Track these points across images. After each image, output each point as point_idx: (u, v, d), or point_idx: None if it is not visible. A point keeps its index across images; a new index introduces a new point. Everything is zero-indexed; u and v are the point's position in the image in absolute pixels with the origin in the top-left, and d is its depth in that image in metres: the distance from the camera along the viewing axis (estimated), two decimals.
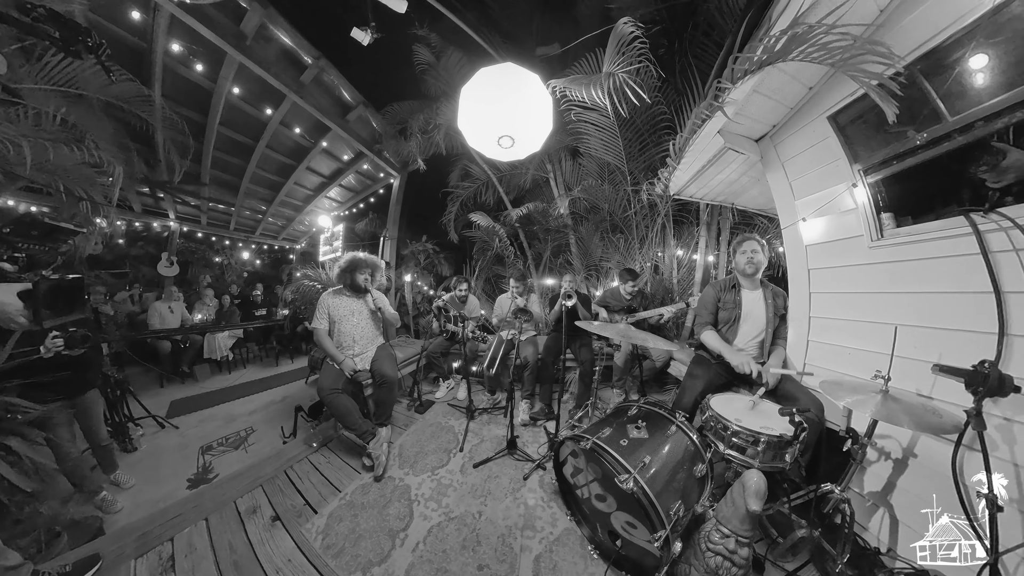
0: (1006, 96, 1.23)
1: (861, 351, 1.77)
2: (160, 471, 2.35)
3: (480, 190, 4.92)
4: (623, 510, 1.44)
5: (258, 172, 6.58)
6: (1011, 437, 1.19)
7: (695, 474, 1.51)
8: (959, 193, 1.47)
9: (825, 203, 1.98)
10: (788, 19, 1.53)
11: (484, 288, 5.47)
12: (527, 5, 3.98)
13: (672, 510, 1.31)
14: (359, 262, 2.51)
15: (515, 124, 1.37)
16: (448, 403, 3.26)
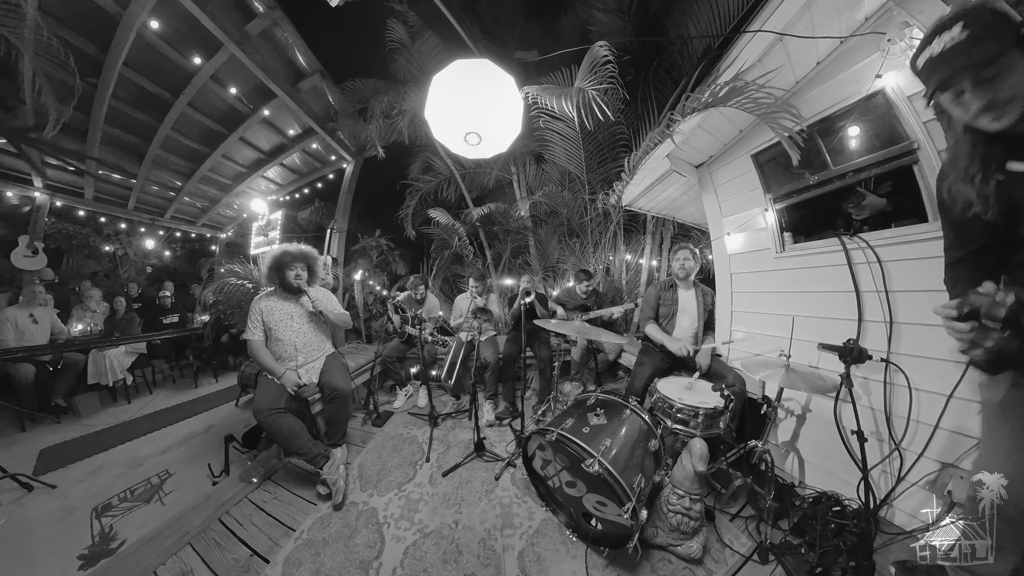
0: (867, 157, 1.75)
1: (770, 336, 2.27)
2: (33, 553, 1.67)
3: (442, 185, 4.80)
4: (593, 492, 1.53)
5: (174, 136, 5.17)
6: (868, 390, 1.70)
7: (650, 449, 1.67)
8: (835, 221, 2.01)
9: (745, 222, 2.50)
10: (732, 73, 1.93)
11: (442, 288, 5.33)
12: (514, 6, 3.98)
13: (635, 484, 1.44)
14: (288, 257, 2.18)
15: (484, 122, 1.33)
16: (408, 412, 3.05)
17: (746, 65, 1.89)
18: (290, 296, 2.24)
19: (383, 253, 5.74)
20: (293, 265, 2.19)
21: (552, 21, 3.86)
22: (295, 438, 1.95)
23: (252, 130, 5.43)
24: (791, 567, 1.40)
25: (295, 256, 2.21)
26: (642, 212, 3.37)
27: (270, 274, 2.19)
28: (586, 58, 2.51)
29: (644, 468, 1.55)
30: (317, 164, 6.50)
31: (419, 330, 2.80)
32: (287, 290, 2.22)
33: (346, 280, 5.34)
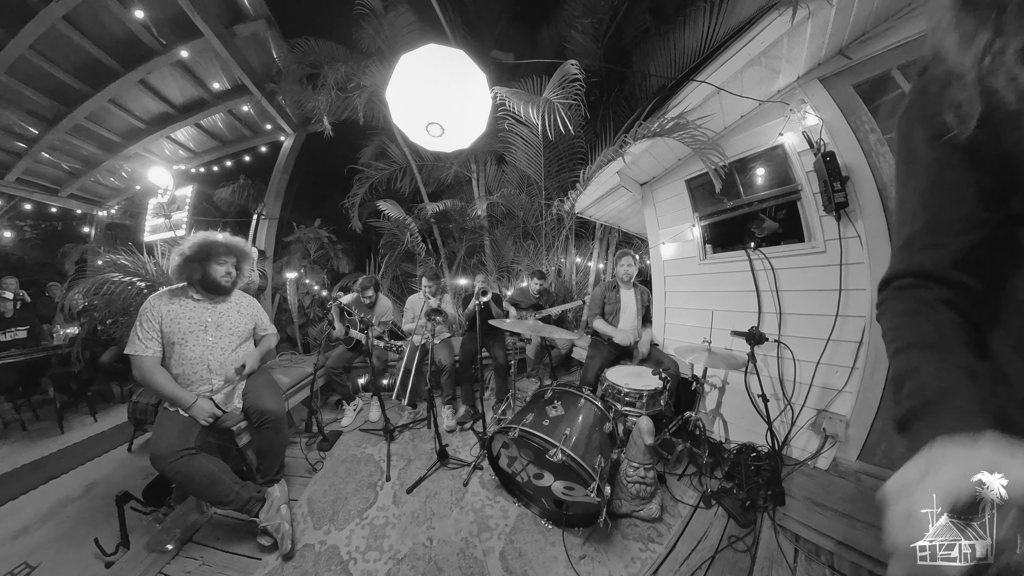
0: (767, 192, 2.32)
1: (695, 327, 2.77)
2: None
3: (396, 175, 4.48)
4: (560, 479, 1.62)
5: (34, 60, 3.51)
6: (767, 364, 2.24)
7: (605, 431, 1.81)
8: (743, 237, 2.60)
9: (676, 234, 3.01)
10: (677, 112, 2.34)
11: (391, 288, 4.94)
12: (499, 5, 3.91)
13: (596, 465, 1.54)
14: (216, 247, 1.73)
15: (449, 114, 1.26)
16: (360, 429, 2.74)
17: (689, 107, 2.32)
18: (209, 297, 1.76)
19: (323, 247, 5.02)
20: (223, 258, 1.73)
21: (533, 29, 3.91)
22: (215, 484, 1.51)
23: (160, 73, 3.99)
24: (728, 506, 1.75)
25: (226, 248, 1.75)
26: (592, 220, 3.75)
27: (186, 266, 1.69)
28: (558, 72, 2.62)
29: (602, 449, 1.70)
30: (247, 132, 5.08)
31: (367, 335, 2.51)
32: (209, 290, 1.74)
33: (276, 278, 4.51)
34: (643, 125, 2.48)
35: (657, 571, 1.47)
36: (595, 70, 3.03)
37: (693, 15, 2.29)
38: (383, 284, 4.73)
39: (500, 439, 1.77)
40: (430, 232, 4.68)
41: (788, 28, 1.67)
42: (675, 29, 2.52)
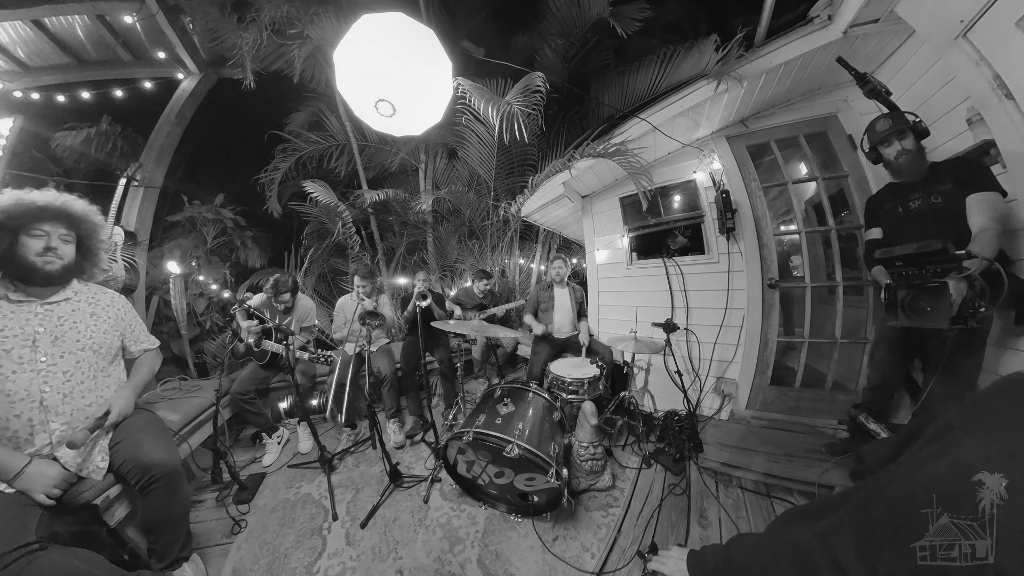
0: (680, 214, 2.99)
1: (624, 320, 3.29)
2: None
3: (331, 153, 3.85)
4: (520, 472, 1.66)
5: None
6: (680, 347, 2.84)
7: (555, 420, 1.93)
8: (661, 248, 3.27)
9: (609, 242, 3.55)
10: (620, 139, 2.81)
11: (316, 288, 4.17)
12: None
13: (551, 452, 1.64)
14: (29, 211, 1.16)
15: (404, 95, 1.13)
16: (289, 465, 2.31)
17: (630, 138, 2.80)
18: (32, 298, 1.19)
19: (226, 232, 3.88)
20: (41, 228, 1.18)
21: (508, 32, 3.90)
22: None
23: None
24: (663, 462, 2.15)
25: (49, 211, 1.19)
26: (537, 224, 4.03)
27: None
28: (524, 80, 2.70)
29: (554, 436, 1.81)
30: (124, 55, 3.49)
31: (287, 346, 2.03)
32: (27, 280, 1.19)
33: (155, 273, 3.28)
34: (591, 145, 2.87)
35: (620, 529, 1.69)
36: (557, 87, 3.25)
37: (647, 64, 2.81)
38: (307, 283, 3.98)
39: (455, 445, 1.75)
40: (366, 224, 4.19)
41: (711, 95, 2.25)
42: (630, 71, 3.00)
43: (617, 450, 2.34)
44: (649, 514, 1.76)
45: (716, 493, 1.89)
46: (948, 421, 0.54)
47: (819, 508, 0.70)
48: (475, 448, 1.67)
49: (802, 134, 2.30)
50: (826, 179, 2.32)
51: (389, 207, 4.21)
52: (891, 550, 0.48)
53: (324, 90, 3.69)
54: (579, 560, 1.55)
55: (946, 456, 0.48)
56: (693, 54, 2.30)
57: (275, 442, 2.47)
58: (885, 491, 0.55)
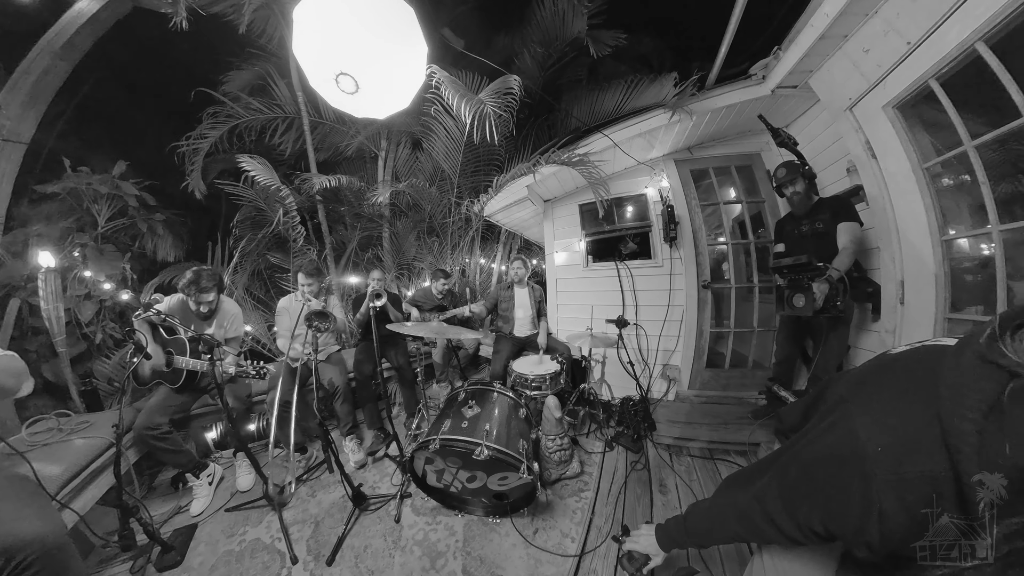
0: (631, 223, 3.39)
1: (581, 318, 3.57)
2: None
3: (276, 126, 3.25)
4: (493, 473, 1.65)
5: None
6: (631, 340, 3.22)
7: (520, 417, 1.93)
8: (614, 252, 3.64)
9: (568, 245, 3.82)
10: (584, 150, 3.06)
11: (250, 287, 3.47)
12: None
13: (520, 448, 1.65)
14: None
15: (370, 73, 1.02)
16: (227, 509, 1.94)
17: (592, 151, 3.06)
18: None
19: (128, 213, 2.96)
20: None
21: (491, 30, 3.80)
22: None
23: None
24: (623, 443, 2.41)
25: None
26: (499, 224, 4.08)
27: None
28: (499, 80, 2.69)
29: (522, 433, 1.82)
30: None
31: (211, 361, 1.67)
32: None
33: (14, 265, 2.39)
34: (556, 152, 3.06)
35: (594, 510, 1.85)
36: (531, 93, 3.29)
37: (615, 86, 3.08)
38: (236, 282, 3.30)
39: (422, 456, 1.70)
40: (313, 213, 3.70)
41: (666, 123, 2.61)
42: (600, 90, 3.24)
43: (582, 438, 2.54)
44: (617, 491, 1.98)
45: (671, 463, 2.22)
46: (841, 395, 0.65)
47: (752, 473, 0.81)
48: (444, 455, 1.63)
49: (733, 165, 2.83)
50: (748, 202, 2.90)
51: (341, 196, 3.81)
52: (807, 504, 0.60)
53: (276, 50, 3.14)
54: (561, 546, 1.64)
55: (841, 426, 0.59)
56: (655, 85, 2.64)
57: (205, 483, 2.01)
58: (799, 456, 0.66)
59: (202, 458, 2.12)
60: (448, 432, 1.61)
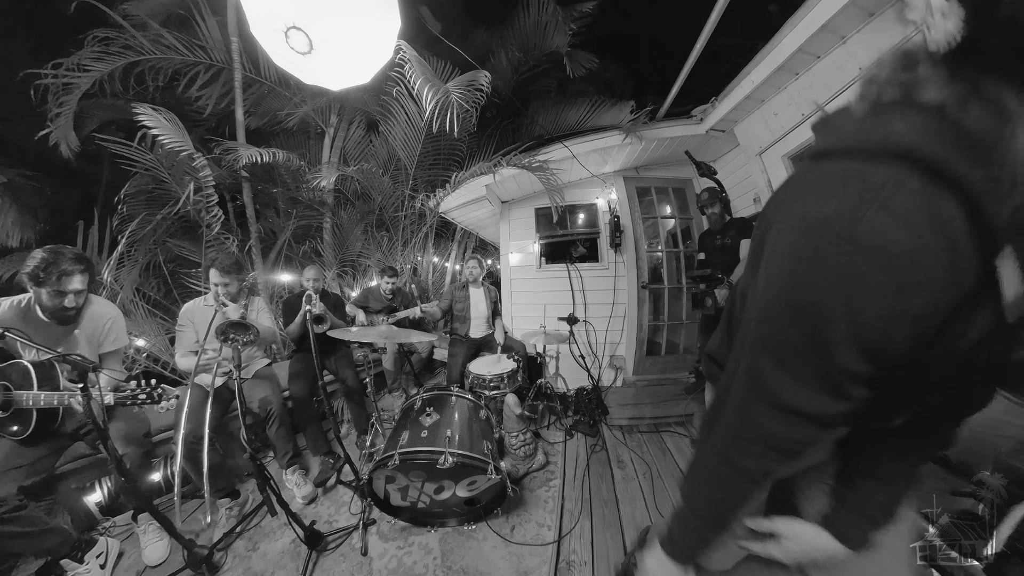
0: (582, 230, 3.75)
1: (534, 316, 3.77)
2: None
3: (195, 73, 2.51)
4: (461, 480, 1.60)
5: None
6: (581, 335, 3.52)
7: (482, 418, 1.91)
8: (565, 255, 3.95)
9: (523, 247, 4.00)
10: (544, 157, 3.31)
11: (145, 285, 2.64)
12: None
13: (485, 450, 1.62)
14: None
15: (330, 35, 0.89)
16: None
17: (552, 159, 3.31)
18: None
19: None
20: None
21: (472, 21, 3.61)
22: None
23: None
24: (581, 430, 2.63)
25: None
26: (454, 222, 4.00)
27: None
28: (470, 73, 2.63)
29: (485, 434, 1.79)
30: None
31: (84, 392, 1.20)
32: None
33: None
34: (518, 156, 3.25)
35: (563, 495, 1.99)
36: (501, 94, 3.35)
37: (580, 103, 3.32)
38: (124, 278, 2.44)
39: (381, 475, 1.57)
40: (237, 193, 3.04)
41: (619, 143, 3.00)
42: (567, 104, 3.45)
43: (543, 430, 2.68)
44: (582, 474, 2.16)
45: (624, 441, 2.53)
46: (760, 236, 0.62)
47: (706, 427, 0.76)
48: (406, 471, 1.54)
49: (671, 186, 3.39)
50: (680, 218, 3.48)
51: (275, 175, 3.21)
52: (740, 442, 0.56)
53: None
54: (539, 536, 1.70)
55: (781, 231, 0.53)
56: (614, 109, 3.00)
57: (95, 566, 1.51)
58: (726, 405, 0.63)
59: (83, 534, 1.58)
60: (407, 445, 1.53)
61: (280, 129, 3.50)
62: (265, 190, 3.38)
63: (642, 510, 1.89)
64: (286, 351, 2.56)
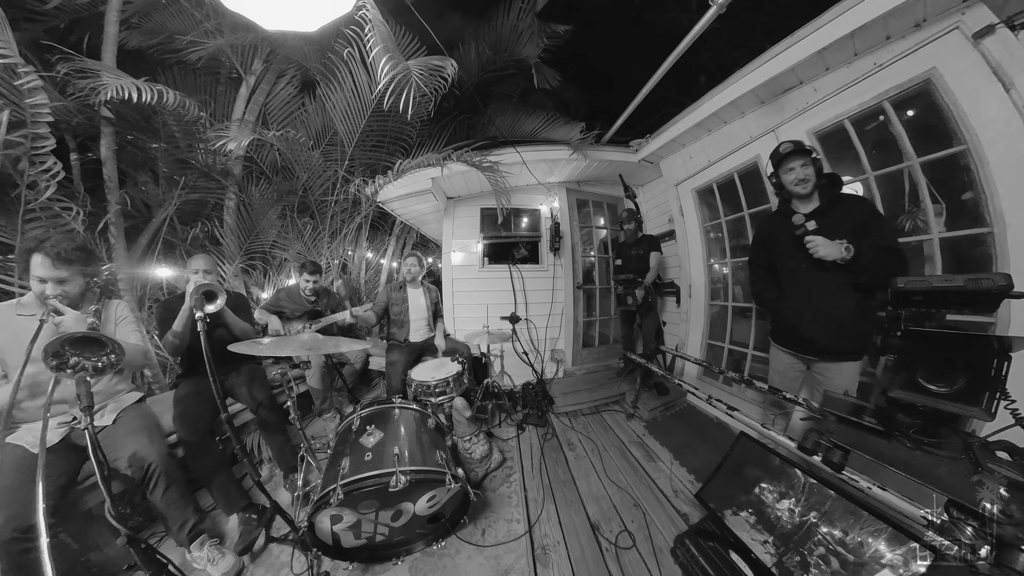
0: (525, 233, 3.99)
1: (477, 317, 3.79)
2: None
3: None
4: (418, 498, 1.47)
5: None
6: (524, 333, 3.73)
7: (431, 427, 1.79)
8: (508, 256, 4.11)
9: (466, 246, 4.00)
10: (496, 159, 3.47)
11: None
12: None
13: (439, 461, 1.52)
14: None
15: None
16: None
17: (503, 161, 3.47)
18: None
19: None
20: None
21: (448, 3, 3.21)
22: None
23: None
24: (531, 422, 2.77)
25: None
26: (393, 214, 3.64)
27: None
28: (437, 58, 2.47)
29: (437, 444, 1.68)
30: None
31: None
32: None
33: None
34: (470, 153, 3.29)
35: (525, 486, 2.07)
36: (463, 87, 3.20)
37: (538, 114, 3.48)
38: None
39: (324, 517, 1.35)
40: (90, 141, 2.08)
41: (566, 158, 3.36)
42: (526, 113, 3.57)
43: (496, 429, 2.73)
44: (538, 463, 2.29)
45: (571, 425, 2.79)
46: None
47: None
48: (353, 504, 1.34)
49: (605, 202, 3.92)
50: (611, 229, 4.06)
51: (157, 124, 2.32)
52: None
53: None
54: (511, 532, 1.72)
55: None
56: (567, 126, 3.32)
57: None
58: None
59: None
60: (350, 473, 1.33)
61: (176, 60, 2.59)
62: (139, 144, 2.38)
63: (596, 481, 2.13)
64: (167, 377, 1.90)
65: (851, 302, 1.56)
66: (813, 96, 2.10)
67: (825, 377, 1.67)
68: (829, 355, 1.64)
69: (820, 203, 1.64)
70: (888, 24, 1.68)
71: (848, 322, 1.58)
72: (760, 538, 1.35)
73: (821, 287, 1.61)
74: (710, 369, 2.93)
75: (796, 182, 1.64)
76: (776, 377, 1.86)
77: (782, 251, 1.74)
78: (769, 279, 1.85)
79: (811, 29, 1.86)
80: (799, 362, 1.77)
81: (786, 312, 1.76)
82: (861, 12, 1.67)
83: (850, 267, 1.50)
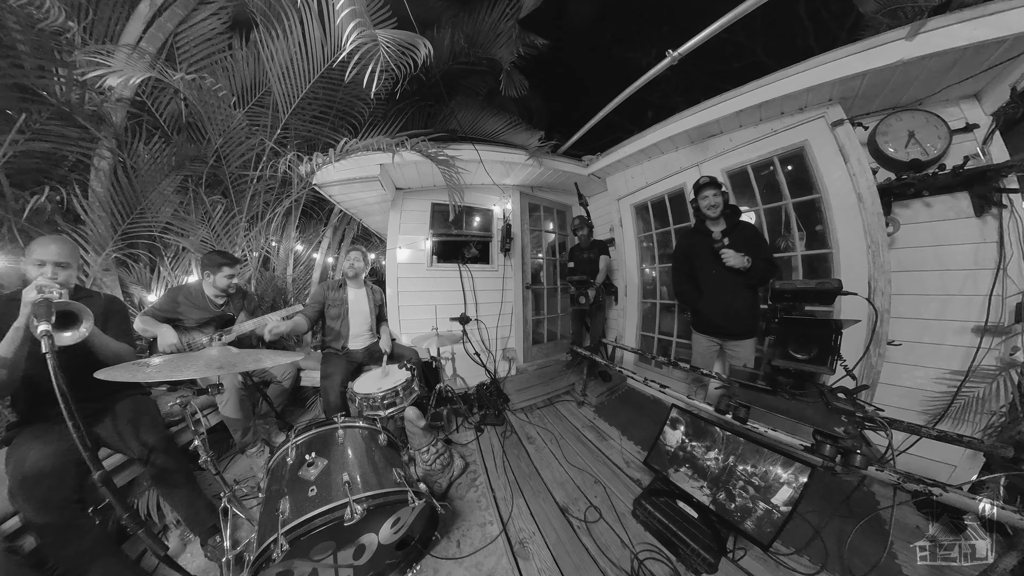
0: (476, 232, 3.97)
1: (425, 318, 3.58)
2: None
3: None
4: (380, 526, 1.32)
5: None
6: (475, 333, 3.70)
7: (383, 445, 1.62)
8: (458, 255, 4.01)
9: (413, 242, 3.77)
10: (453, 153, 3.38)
11: None
12: None
13: (398, 479, 1.38)
14: None
15: None
16: None
17: (460, 158, 3.42)
18: None
19: None
20: None
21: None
22: None
23: None
24: (489, 422, 2.76)
25: None
26: (331, 200, 3.11)
27: None
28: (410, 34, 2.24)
29: (392, 461, 1.54)
30: None
31: None
32: None
33: None
34: (426, 143, 3.09)
35: (492, 487, 2.05)
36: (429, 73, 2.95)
37: (501, 116, 3.44)
38: None
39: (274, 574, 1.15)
40: None
41: (523, 162, 3.52)
42: (489, 113, 3.49)
43: (454, 435, 2.62)
44: (501, 462, 2.31)
45: (528, 420, 2.89)
46: None
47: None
48: (304, 552, 1.16)
49: (556, 208, 4.18)
50: (559, 234, 4.33)
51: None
52: None
53: None
54: (487, 535, 1.70)
55: None
56: (527, 133, 3.43)
57: None
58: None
59: None
60: (293, 516, 1.14)
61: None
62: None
63: (558, 468, 2.26)
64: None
65: (747, 297, 2.14)
66: (728, 144, 2.73)
67: (734, 352, 2.21)
68: (735, 336, 2.19)
69: (726, 225, 2.18)
70: (783, 104, 2.35)
71: (746, 311, 2.14)
72: (697, 485, 1.68)
73: (728, 287, 2.12)
74: (644, 356, 3.45)
75: (708, 207, 2.16)
76: (698, 356, 2.36)
77: (700, 260, 2.25)
78: (690, 281, 2.33)
79: (734, 95, 2.45)
80: (714, 344, 2.29)
81: (703, 306, 2.26)
82: (768, 91, 2.30)
83: (747, 273, 2.04)
